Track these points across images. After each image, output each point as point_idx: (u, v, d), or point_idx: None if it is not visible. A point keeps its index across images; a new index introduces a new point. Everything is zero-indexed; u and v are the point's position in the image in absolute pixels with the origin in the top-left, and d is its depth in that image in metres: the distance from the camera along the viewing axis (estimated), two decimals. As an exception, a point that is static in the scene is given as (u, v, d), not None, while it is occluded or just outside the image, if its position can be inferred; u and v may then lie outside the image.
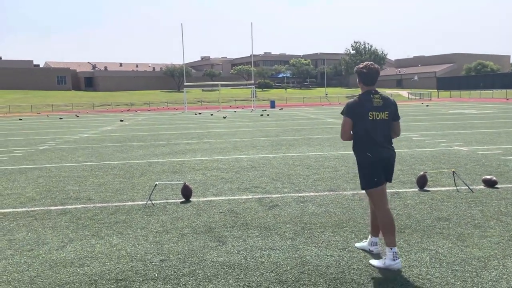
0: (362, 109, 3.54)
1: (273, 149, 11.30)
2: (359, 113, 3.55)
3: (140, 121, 27.92)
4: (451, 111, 28.15)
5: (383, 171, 3.60)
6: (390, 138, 3.67)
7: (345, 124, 3.60)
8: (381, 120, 3.55)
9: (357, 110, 3.56)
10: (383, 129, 3.57)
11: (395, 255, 3.55)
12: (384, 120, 3.56)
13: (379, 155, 3.55)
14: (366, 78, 3.59)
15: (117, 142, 14.42)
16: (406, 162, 8.62)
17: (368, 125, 3.53)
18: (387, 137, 3.62)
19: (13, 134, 19.89)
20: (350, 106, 3.59)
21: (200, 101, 67.95)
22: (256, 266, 3.73)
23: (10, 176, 8.50)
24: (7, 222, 5.29)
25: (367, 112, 3.53)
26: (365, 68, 3.58)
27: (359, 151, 3.65)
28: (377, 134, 3.55)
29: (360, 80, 3.63)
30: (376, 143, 3.56)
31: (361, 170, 3.67)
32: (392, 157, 3.63)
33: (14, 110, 56.75)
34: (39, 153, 12.02)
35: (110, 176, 8.13)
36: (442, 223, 4.73)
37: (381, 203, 3.61)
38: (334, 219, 4.98)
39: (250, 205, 5.74)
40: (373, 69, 3.58)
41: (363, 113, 3.53)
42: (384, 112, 3.55)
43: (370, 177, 3.58)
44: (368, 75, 3.58)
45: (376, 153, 3.55)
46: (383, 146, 3.58)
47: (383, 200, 3.62)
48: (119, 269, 3.75)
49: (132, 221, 5.15)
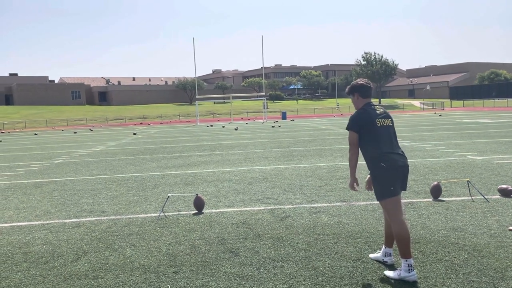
0: (369, 118, 3.60)
1: (285, 160, 11.29)
2: (367, 122, 3.60)
3: (152, 134, 28.18)
4: (464, 121, 27.85)
5: (398, 180, 3.56)
6: (398, 144, 3.71)
7: (352, 139, 3.66)
8: (388, 126, 3.64)
9: (364, 121, 3.62)
10: (390, 135, 3.64)
11: (410, 267, 3.49)
12: (390, 126, 3.67)
13: (394, 163, 3.53)
14: (366, 92, 3.74)
15: (130, 155, 14.56)
16: (420, 172, 8.54)
17: (378, 131, 3.57)
18: (396, 143, 3.66)
19: (29, 148, 20.23)
20: (356, 118, 3.67)
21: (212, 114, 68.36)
22: (269, 278, 3.71)
23: (26, 189, 8.64)
24: (23, 235, 5.36)
25: (374, 119, 3.59)
26: (364, 83, 3.76)
27: (372, 163, 3.61)
28: (387, 139, 3.59)
29: (359, 95, 3.75)
30: (389, 150, 3.56)
31: (375, 182, 3.63)
32: (406, 165, 3.62)
33: (29, 125, 57.80)
34: (54, 167, 12.19)
35: (123, 188, 8.21)
36: (458, 234, 4.66)
37: (396, 213, 3.56)
38: (347, 230, 4.94)
39: (262, 216, 5.73)
40: (369, 84, 3.80)
41: (370, 122, 3.59)
42: (388, 119, 3.68)
43: (387, 187, 3.53)
44: (367, 89, 3.75)
45: (390, 161, 3.52)
46: (396, 152, 3.58)
47: (399, 210, 3.57)
48: (132, 281, 3.77)
49: (145, 233, 5.18)
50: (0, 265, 4.31)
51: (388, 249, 3.91)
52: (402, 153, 3.65)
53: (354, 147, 3.66)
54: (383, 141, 3.56)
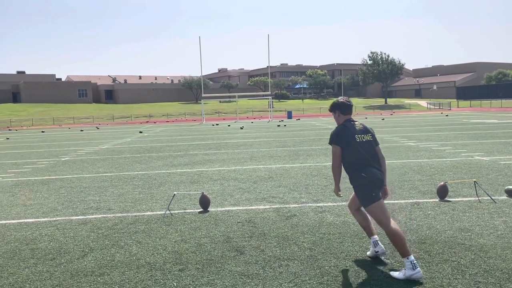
0: (349, 133, 3.84)
1: (290, 159, 11.28)
2: (347, 137, 3.83)
3: (158, 132, 28.27)
4: (471, 121, 27.67)
5: (377, 188, 3.79)
6: (378, 160, 3.89)
7: (335, 152, 3.88)
8: (367, 141, 3.87)
9: (345, 136, 3.84)
10: (370, 150, 3.85)
11: (413, 264, 3.53)
12: (369, 141, 3.89)
13: (374, 176, 3.77)
14: (346, 109, 4.00)
15: (136, 153, 14.62)
16: (426, 172, 8.50)
17: (358, 147, 3.80)
18: (375, 158, 3.87)
19: (36, 146, 20.37)
20: (337, 134, 3.89)
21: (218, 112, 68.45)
22: (275, 276, 3.71)
23: (33, 186, 8.70)
24: (30, 231, 5.40)
25: (354, 135, 3.83)
26: (345, 101, 4.02)
27: (353, 175, 3.85)
28: (367, 154, 3.81)
29: (340, 112, 4.00)
30: (368, 163, 3.80)
31: (359, 191, 3.84)
32: (381, 179, 3.83)
33: (37, 122, 58.19)
34: (61, 165, 12.27)
35: (129, 186, 8.25)
36: (464, 234, 4.63)
37: (384, 218, 3.71)
38: (352, 230, 4.94)
39: (267, 215, 5.74)
40: (350, 102, 4.07)
41: (350, 137, 3.82)
42: (367, 135, 3.90)
43: (369, 193, 3.76)
44: (348, 107, 4.01)
45: (370, 174, 3.77)
46: (374, 166, 3.82)
47: (386, 214, 3.73)
48: (138, 278, 3.79)
49: (151, 231, 5.20)
50: (8, 261, 4.35)
51: (373, 237, 4.06)
52: (378, 168, 3.86)
53: (337, 160, 3.88)
54: (362, 155, 3.79)
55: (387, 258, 4.02)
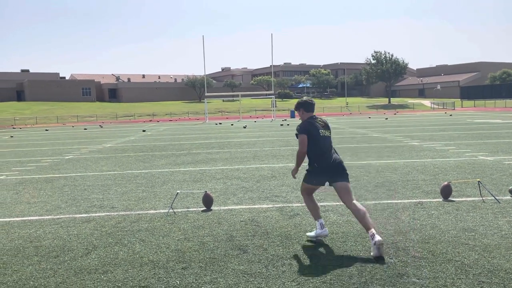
0: (314, 127, 4.48)
1: (293, 159, 11.27)
2: (312, 131, 4.46)
3: (162, 131, 28.31)
4: (475, 121, 27.57)
5: (325, 176, 4.46)
6: (332, 153, 4.54)
7: (303, 140, 4.46)
8: (327, 136, 4.55)
9: (310, 129, 4.47)
10: (328, 144, 4.52)
11: (321, 225, 4.50)
12: (328, 136, 4.57)
13: (325, 163, 4.45)
14: (309, 107, 4.64)
15: (139, 152, 14.65)
16: (430, 172, 8.48)
17: (319, 140, 4.43)
18: (331, 151, 4.54)
19: (40, 144, 20.45)
20: (305, 126, 4.51)
21: (221, 111, 68.49)
22: (278, 275, 3.71)
23: (37, 184, 8.74)
24: (34, 229, 5.43)
25: (318, 130, 4.47)
26: (307, 100, 4.67)
27: (310, 161, 4.55)
28: (325, 147, 4.47)
29: (304, 110, 4.63)
30: (324, 154, 4.46)
31: (307, 171, 4.60)
32: (337, 159, 4.50)
33: (41, 121, 58.40)
34: (65, 163, 12.31)
35: (133, 185, 8.27)
36: (468, 234, 4.62)
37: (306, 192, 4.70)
38: (356, 229, 4.93)
39: (270, 214, 5.74)
40: (312, 101, 4.72)
41: (315, 131, 4.46)
42: (327, 130, 4.57)
43: (311, 178, 4.57)
44: (310, 105, 4.65)
45: (322, 163, 4.45)
46: (329, 155, 4.48)
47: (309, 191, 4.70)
48: (141, 276, 3.80)
49: (154, 229, 5.21)
50: (12, 259, 4.37)
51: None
52: (335, 156, 4.52)
53: (303, 147, 4.47)
54: (321, 147, 4.45)
55: (391, 258, 4.01)
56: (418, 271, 3.70)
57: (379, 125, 26.68)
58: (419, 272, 3.67)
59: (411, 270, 3.71)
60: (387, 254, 4.09)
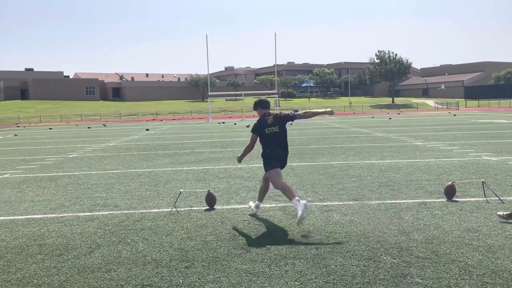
0: (261, 127, 5.40)
1: (296, 158, 11.27)
2: (261, 130, 5.40)
3: (165, 130, 28.35)
4: (480, 121, 27.46)
5: (277, 162, 5.38)
6: (284, 144, 5.45)
7: (252, 138, 5.50)
8: (274, 132, 5.38)
9: (259, 129, 5.42)
10: (276, 138, 5.39)
11: (298, 200, 4.85)
12: (276, 132, 5.38)
13: (274, 153, 5.39)
14: (264, 105, 5.54)
15: (143, 151, 14.68)
16: (433, 172, 8.45)
17: (267, 137, 5.39)
18: (282, 144, 5.43)
19: (44, 142, 20.53)
20: (255, 126, 5.49)
21: (224, 111, 68.50)
22: (280, 275, 3.71)
23: (41, 183, 8.77)
24: (38, 227, 5.45)
25: (264, 128, 5.38)
26: (263, 99, 5.61)
27: (263, 151, 5.48)
28: (272, 142, 5.38)
29: (261, 108, 5.51)
30: (272, 148, 5.38)
31: (264, 162, 5.45)
32: (284, 154, 5.48)
33: (44, 119, 58.59)
34: (69, 161, 12.35)
35: (136, 183, 8.28)
36: (472, 234, 4.60)
37: (276, 179, 5.28)
38: (359, 229, 4.92)
39: (273, 213, 5.74)
40: (267, 100, 5.69)
41: (262, 130, 5.39)
42: (275, 127, 5.38)
43: (270, 164, 5.37)
44: (265, 103, 5.58)
45: (272, 152, 5.39)
46: (277, 148, 5.40)
47: (278, 177, 5.30)
48: (145, 275, 3.81)
49: (157, 228, 5.22)
50: (15, 257, 4.38)
51: (259, 202, 5.66)
52: (284, 149, 5.45)
53: (252, 143, 5.51)
54: (269, 142, 5.38)
55: (394, 258, 4.00)
56: (422, 271, 3.69)
57: (383, 125, 26.63)
58: (423, 273, 3.66)
59: (414, 271, 3.70)
60: (390, 254, 4.08)
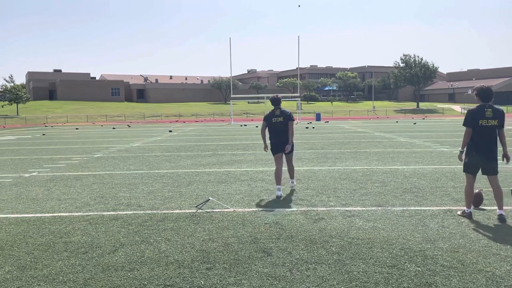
0: (269, 117, 7.12)
1: (318, 162, 11.19)
2: (268, 120, 7.13)
3: (188, 132, 28.63)
4: (508, 127, 26.68)
5: (277, 149, 7.14)
6: (285, 133, 7.03)
7: (263, 124, 7.20)
8: (279, 122, 7.05)
9: (267, 119, 7.14)
10: (280, 128, 7.06)
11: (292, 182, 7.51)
12: (281, 122, 7.04)
13: (275, 140, 7.13)
14: (273, 102, 7.12)
15: (166, 152, 14.85)
16: (460, 179, 8.25)
17: (272, 126, 7.11)
18: (284, 133, 7.04)
19: (70, 142, 21.02)
20: (266, 116, 7.16)
21: (246, 113, 68.68)
22: (302, 279, 3.69)
23: (67, 182, 8.98)
24: (64, 225, 5.57)
25: (271, 119, 7.09)
26: (274, 97, 7.16)
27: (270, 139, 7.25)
28: (276, 130, 7.11)
29: (271, 103, 7.13)
30: (276, 135, 7.13)
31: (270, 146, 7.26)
32: (283, 142, 7.06)
33: (71, 120, 60.03)
34: (94, 161, 12.61)
35: (159, 184, 8.38)
36: (499, 244, 4.47)
37: (276, 163, 7.18)
38: (382, 235, 4.85)
39: (295, 217, 5.71)
40: (277, 97, 7.21)
41: (270, 120, 7.10)
42: (280, 117, 7.05)
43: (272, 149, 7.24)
44: (274, 100, 7.12)
45: (274, 140, 7.14)
46: (279, 137, 7.08)
47: (278, 161, 7.19)
48: (167, 275, 3.85)
49: (179, 229, 5.27)
50: (42, 254, 4.50)
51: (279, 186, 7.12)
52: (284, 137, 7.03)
53: (263, 128, 7.19)
54: (272, 132, 7.16)
55: (418, 266, 3.92)
56: (447, 280, 3.61)
57: (407, 130, 26.18)
58: (448, 282, 3.58)
59: (439, 279, 3.62)
60: (415, 262, 4.00)
